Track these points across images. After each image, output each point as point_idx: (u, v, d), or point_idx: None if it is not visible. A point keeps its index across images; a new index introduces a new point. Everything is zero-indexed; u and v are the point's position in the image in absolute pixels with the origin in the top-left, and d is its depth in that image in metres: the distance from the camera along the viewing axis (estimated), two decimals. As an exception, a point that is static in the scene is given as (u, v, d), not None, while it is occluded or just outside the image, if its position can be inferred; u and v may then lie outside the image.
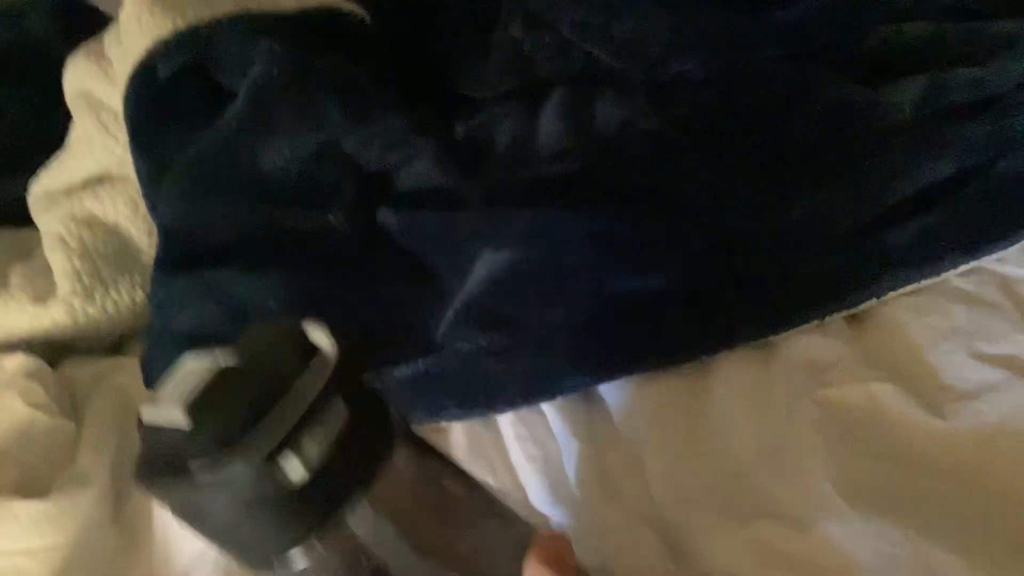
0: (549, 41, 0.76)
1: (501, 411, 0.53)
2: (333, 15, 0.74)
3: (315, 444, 0.25)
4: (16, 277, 0.70)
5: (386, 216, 0.66)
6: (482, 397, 0.53)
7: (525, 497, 0.50)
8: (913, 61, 0.62)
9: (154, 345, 0.63)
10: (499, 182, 0.68)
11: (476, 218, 0.61)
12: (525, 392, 0.53)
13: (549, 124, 0.71)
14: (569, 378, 0.53)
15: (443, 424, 0.54)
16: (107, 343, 0.71)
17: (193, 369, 0.27)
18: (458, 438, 0.54)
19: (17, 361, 0.64)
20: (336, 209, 0.65)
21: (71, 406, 0.63)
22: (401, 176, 0.69)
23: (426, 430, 0.54)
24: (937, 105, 0.57)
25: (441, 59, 0.77)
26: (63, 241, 0.68)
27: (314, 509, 0.26)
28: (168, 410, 0.26)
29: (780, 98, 0.65)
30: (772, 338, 0.51)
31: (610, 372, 0.53)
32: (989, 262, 0.50)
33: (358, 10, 0.75)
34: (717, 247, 0.58)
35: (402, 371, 0.55)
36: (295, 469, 0.25)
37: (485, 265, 0.59)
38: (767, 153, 0.63)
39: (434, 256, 0.63)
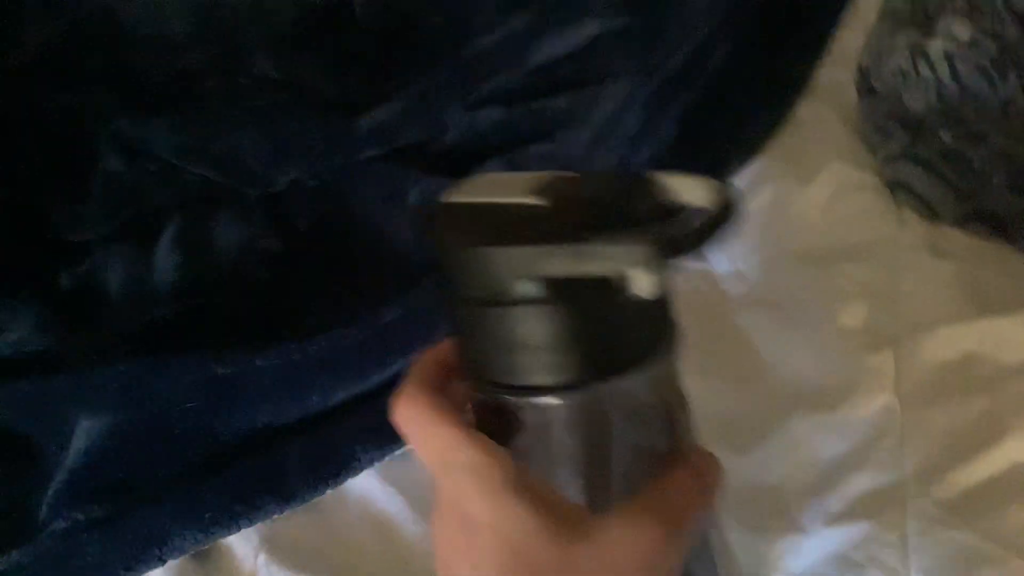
0: (155, 169, 0.74)
1: (103, 592, 0.49)
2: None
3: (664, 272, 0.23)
4: None
5: (-23, 391, 0.61)
6: (81, 580, 0.49)
7: None
8: (490, 145, 0.66)
9: None
10: (109, 335, 0.65)
11: (71, 383, 0.58)
12: (128, 563, 0.50)
13: (164, 258, 0.69)
14: (177, 538, 0.51)
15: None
16: None
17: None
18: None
19: None
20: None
21: None
22: (-2, 343, 0.64)
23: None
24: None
25: (38, 206, 0.73)
26: None
27: (636, 338, 0.27)
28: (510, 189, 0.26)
29: (381, 200, 0.66)
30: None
31: (224, 525, 0.51)
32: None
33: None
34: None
35: (-9, 569, 0.50)
36: (652, 284, 0.23)
37: (83, 435, 0.56)
38: (376, 257, 0.64)
39: (32, 427, 0.59)
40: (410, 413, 0.30)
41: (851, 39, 0.69)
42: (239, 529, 0.51)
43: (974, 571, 0.40)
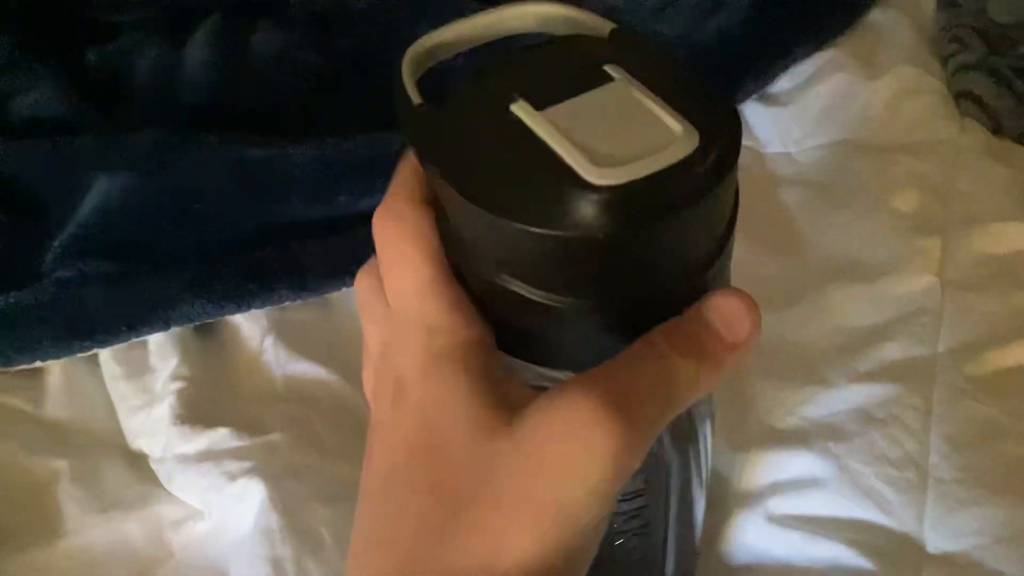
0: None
1: (104, 344, 0.49)
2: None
3: None
4: None
5: (-9, 144, 0.60)
6: (81, 329, 0.49)
7: (123, 436, 0.47)
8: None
9: None
10: (134, 113, 0.64)
11: (92, 142, 0.57)
12: (133, 320, 0.49)
13: (197, 52, 0.68)
14: (186, 305, 0.50)
15: (38, 364, 0.49)
16: None
17: None
18: (55, 380, 0.49)
19: None
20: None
21: None
22: (15, 103, 0.63)
23: (15, 373, 0.49)
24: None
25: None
26: None
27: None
28: None
29: (433, 22, 0.66)
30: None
31: (236, 300, 0.51)
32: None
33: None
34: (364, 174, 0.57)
35: (-13, 306, 0.50)
36: None
37: (101, 192, 0.55)
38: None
39: (44, 186, 0.58)
40: (389, 232, 0.24)
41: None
42: (249, 308, 0.51)
43: (995, 444, 0.41)
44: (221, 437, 0.45)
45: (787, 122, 0.58)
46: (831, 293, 0.48)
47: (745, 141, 0.59)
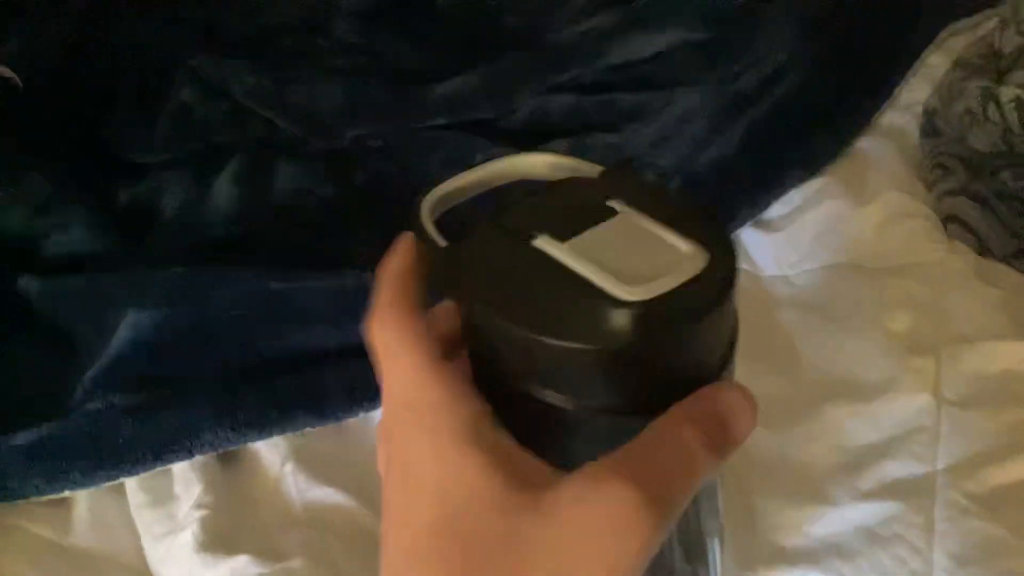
0: (226, 108, 0.78)
1: (130, 473, 0.51)
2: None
3: None
4: None
5: (27, 283, 0.63)
6: (109, 459, 0.51)
7: (146, 564, 0.49)
8: (559, 128, 0.69)
9: None
10: (163, 248, 0.68)
11: (122, 278, 0.61)
12: (158, 450, 0.52)
13: (223, 189, 0.72)
14: (209, 434, 0.53)
15: (67, 495, 0.51)
16: None
17: None
18: (80, 509, 0.51)
19: None
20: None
21: None
22: (51, 243, 0.67)
23: (43, 503, 0.51)
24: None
25: (106, 125, 0.77)
26: None
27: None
28: None
29: (443, 164, 0.70)
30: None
31: (257, 428, 0.53)
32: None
33: (8, 73, 0.74)
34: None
35: (20, 438, 0.52)
36: None
37: (129, 326, 0.58)
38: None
39: (77, 322, 0.61)
40: (388, 336, 0.26)
41: (916, 90, 0.73)
42: (270, 435, 0.53)
43: (1000, 561, 0.42)
44: (242, 564, 0.46)
45: (783, 246, 0.62)
46: (830, 412, 0.50)
47: (743, 265, 0.62)
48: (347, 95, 0.75)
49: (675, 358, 0.24)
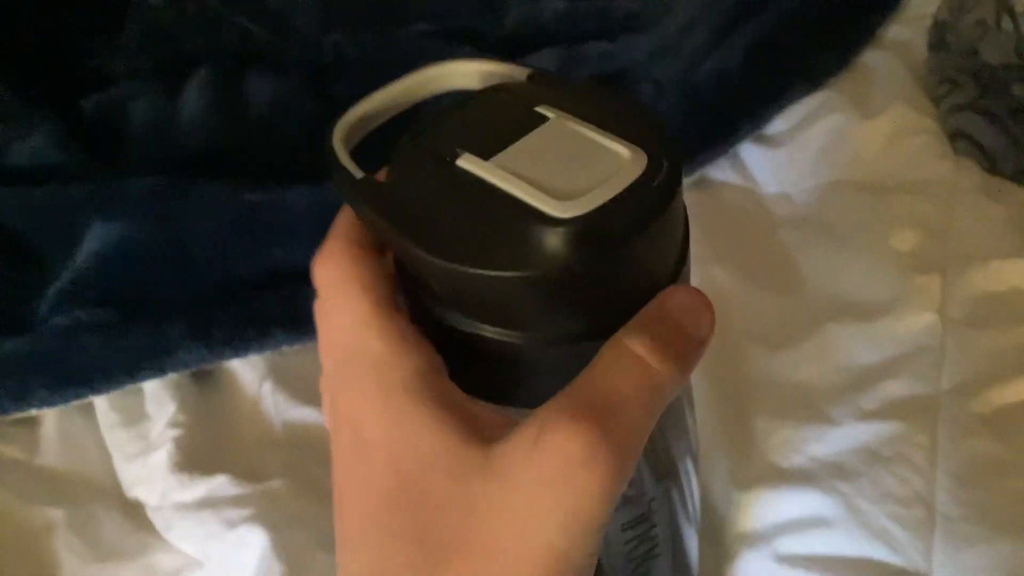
0: (194, 13, 0.74)
1: (99, 391, 0.49)
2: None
3: None
4: None
5: (-12, 194, 0.60)
6: (78, 376, 0.49)
7: (118, 485, 0.47)
8: (551, 36, 0.66)
9: None
10: (132, 159, 0.65)
11: (88, 189, 0.58)
12: (130, 367, 0.49)
13: (192, 99, 0.69)
14: (183, 352, 0.50)
15: (33, 413, 0.49)
16: None
17: None
18: (49, 429, 0.49)
19: None
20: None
21: None
22: (12, 151, 0.64)
23: (10, 422, 0.49)
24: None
25: (68, 31, 0.73)
26: None
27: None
28: None
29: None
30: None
31: (233, 346, 0.51)
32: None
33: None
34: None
35: (-18, 354, 0.50)
36: None
37: (96, 239, 0.55)
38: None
39: (41, 234, 0.58)
40: (329, 275, 0.24)
41: (923, 3, 0.70)
42: (247, 354, 0.51)
43: (1002, 481, 0.41)
44: (220, 484, 0.45)
45: (784, 163, 0.59)
46: (833, 331, 0.48)
47: (743, 183, 0.60)
48: (319, 3, 0.71)
49: (620, 276, 0.22)
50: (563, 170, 0.22)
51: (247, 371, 0.51)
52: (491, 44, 0.67)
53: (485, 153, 0.23)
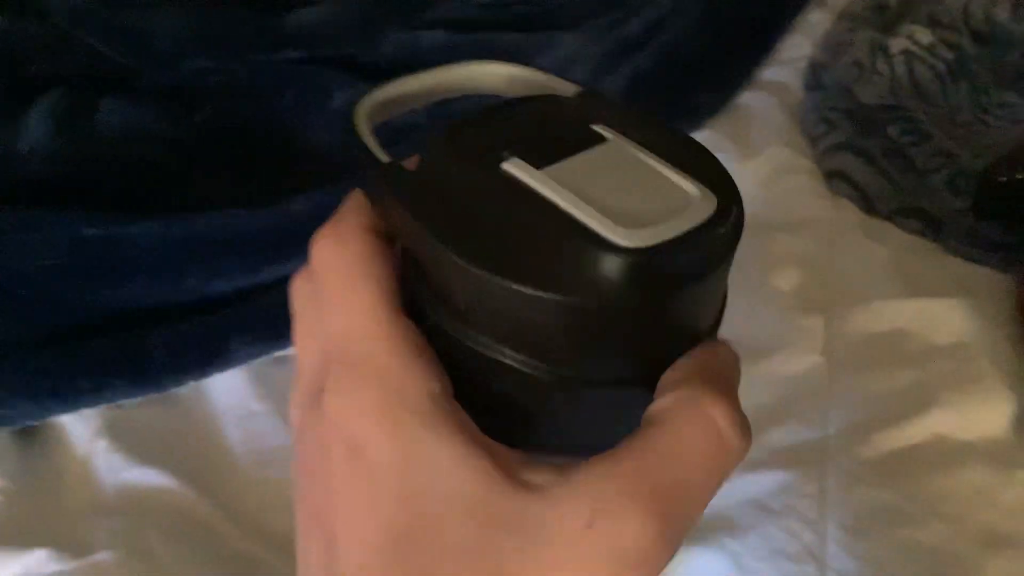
0: (39, 33, 0.68)
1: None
2: None
3: None
4: None
5: None
6: None
7: None
8: (427, 67, 0.63)
9: None
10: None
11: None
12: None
13: (38, 126, 0.62)
14: (6, 407, 0.44)
15: None
16: None
17: None
18: None
19: None
20: None
21: None
22: None
23: None
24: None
25: None
26: None
27: None
28: None
29: (297, 101, 0.63)
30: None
31: (63, 399, 0.45)
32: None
33: None
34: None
35: None
36: None
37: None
38: (283, 156, 0.60)
39: None
40: (332, 258, 0.21)
41: (797, 46, 0.71)
42: (80, 408, 0.45)
43: (894, 529, 0.39)
44: (38, 560, 0.39)
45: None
46: (717, 375, 0.46)
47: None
48: (187, 22, 0.66)
49: (674, 319, 0.20)
50: (624, 196, 0.20)
51: (78, 426, 0.45)
52: (365, 73, 0.64)
53: (535, 162, 0.20)
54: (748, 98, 0.66)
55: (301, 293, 0.22)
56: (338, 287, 0.20)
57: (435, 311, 0.20)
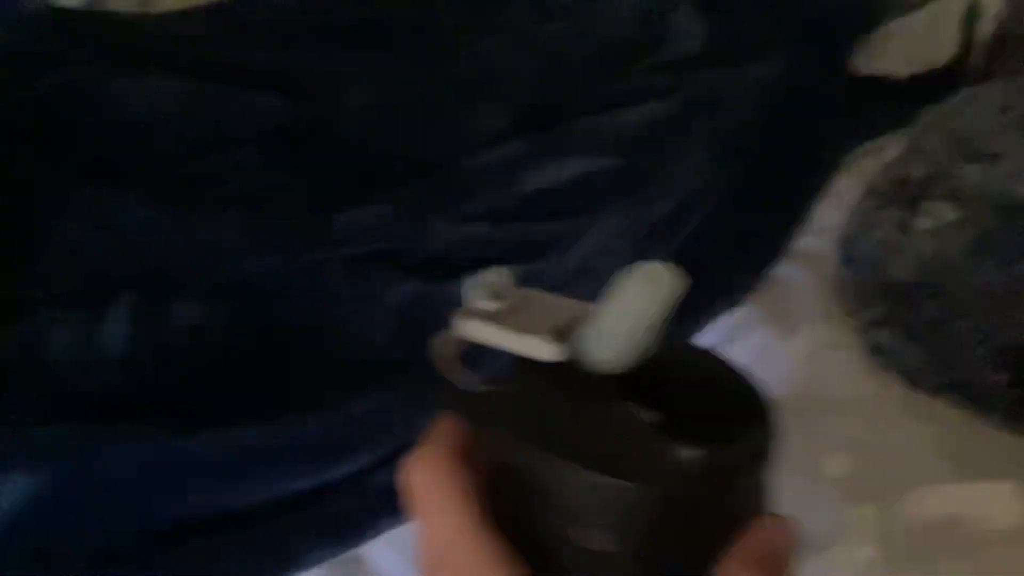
0: (114, 239, 0.73)
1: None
2: None
3: None
4: None
5: None
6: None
7: None
8: (475, 259, 0.67)
9: None
10: (48, 396, 0.62)
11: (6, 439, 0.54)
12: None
13: (115, 329, 0.66)
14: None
15: None
16: None
17: None
18: None
19: None
20: None
21: None
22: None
23: None
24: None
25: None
26: None
27: None
28: None
29: (352, 299, 0.66)
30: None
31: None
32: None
33: None
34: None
35: None
36: None
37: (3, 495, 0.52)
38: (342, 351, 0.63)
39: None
40: (427, 480, 0.25)
41: (828, 214, 0.74)
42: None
43: None
44: None
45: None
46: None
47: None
48: (246, 227, 0.71)
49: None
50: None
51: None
52: (413, 266, 0.67)
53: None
54: (783, 270, 0.69)
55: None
56: (432, 502, 0.25)
57: (530, 510, 0.24)
